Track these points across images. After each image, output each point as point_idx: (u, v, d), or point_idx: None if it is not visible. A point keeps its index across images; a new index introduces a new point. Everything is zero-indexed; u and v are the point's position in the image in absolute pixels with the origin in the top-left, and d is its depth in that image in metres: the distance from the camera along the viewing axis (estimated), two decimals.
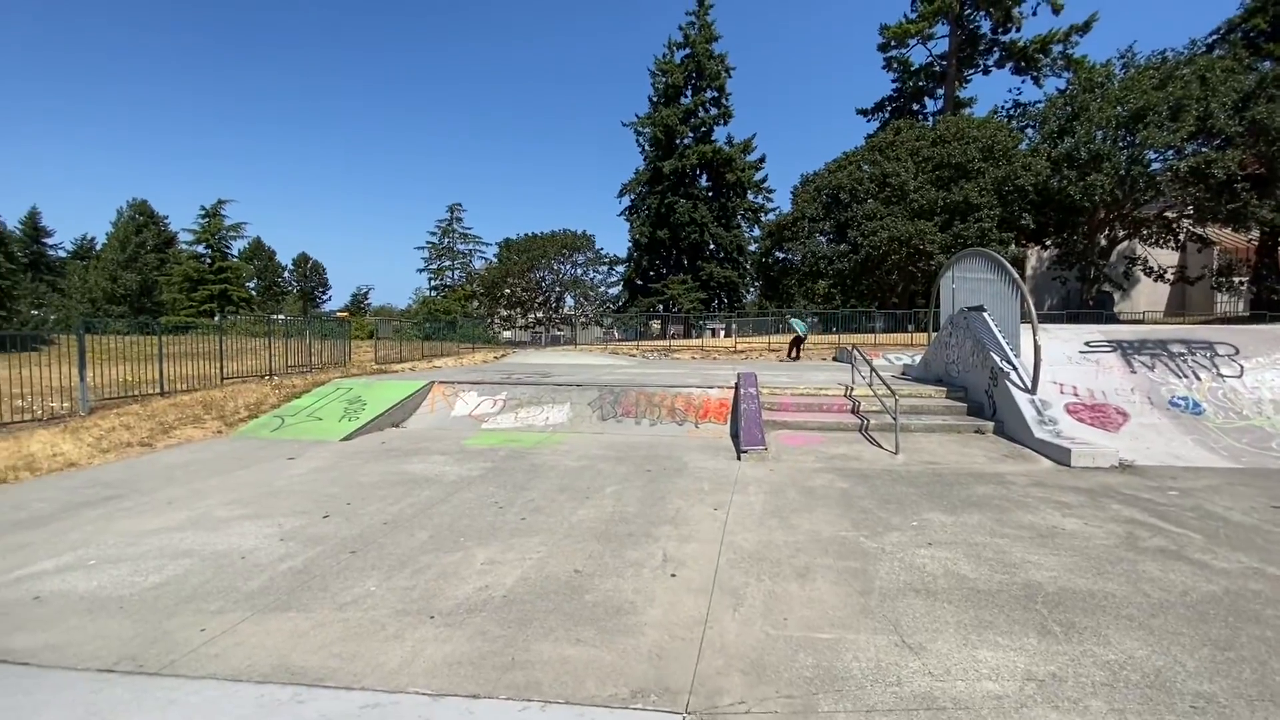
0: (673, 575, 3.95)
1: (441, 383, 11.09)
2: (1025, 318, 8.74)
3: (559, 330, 61.39)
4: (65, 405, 9.76)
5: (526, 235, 62.06)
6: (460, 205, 72.66)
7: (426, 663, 2.90)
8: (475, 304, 60.17)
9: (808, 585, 3.80)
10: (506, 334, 59.89)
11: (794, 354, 20.28)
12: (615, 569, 4.06)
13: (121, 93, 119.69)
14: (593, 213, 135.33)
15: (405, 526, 4.92)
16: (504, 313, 62.14)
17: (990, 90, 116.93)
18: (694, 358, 22.96)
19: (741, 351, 24.42)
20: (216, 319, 34.70)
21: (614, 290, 61.42)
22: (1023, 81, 46.99)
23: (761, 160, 48.98)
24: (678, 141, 46.69)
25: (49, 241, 61.49)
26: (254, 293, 53.42)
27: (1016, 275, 9.38)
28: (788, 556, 4.27)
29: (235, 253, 48.69)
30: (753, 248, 48.28)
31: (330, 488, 6.10)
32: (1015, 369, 8.72)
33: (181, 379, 11.53)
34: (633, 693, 2.67)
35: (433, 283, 70.22)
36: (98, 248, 60.92)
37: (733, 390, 9.78)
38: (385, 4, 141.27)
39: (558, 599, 3.60)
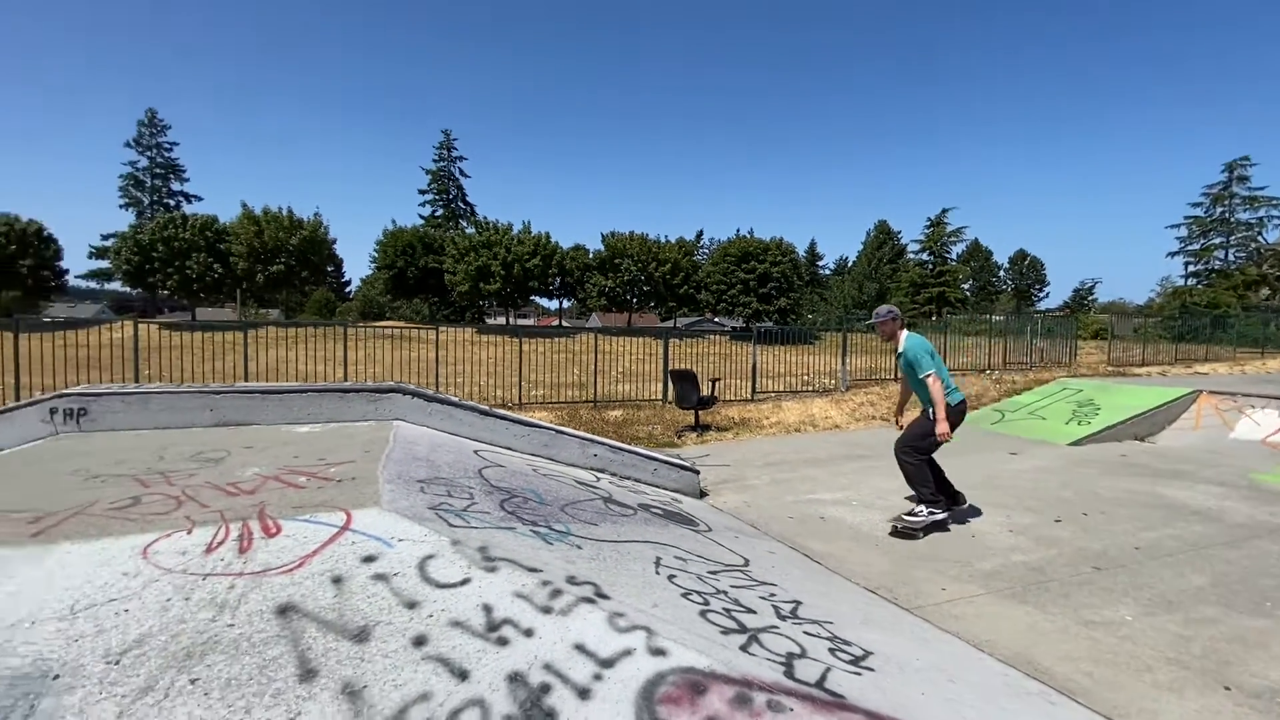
0: None
1: (1213, 393, 8.41)
2: None
3: None
4: (831, 383, 12.77)
5: None
6: (1248, 159, 52.75)
7: None
8: (1264, 292, 43.16)
9: None
10: None
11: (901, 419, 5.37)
12: None
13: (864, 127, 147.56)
14: None
15: (1168, 562, 3.91)
16: None
17: None
18: None
19: None
20: (933, 319, 38.03)
21: None
22: None
23: None
24: None
25: (820, 265, 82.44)
26: (968, 293, 55.58)
27: None
28: None
29: (954, 256, 51.88)
30: None
31: (1061, 491, 5.55)
32: None
33: None
34: None
35: (1190, 268, 54.55)
36: (849, 264, 77.31)
37: None
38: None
39: None
